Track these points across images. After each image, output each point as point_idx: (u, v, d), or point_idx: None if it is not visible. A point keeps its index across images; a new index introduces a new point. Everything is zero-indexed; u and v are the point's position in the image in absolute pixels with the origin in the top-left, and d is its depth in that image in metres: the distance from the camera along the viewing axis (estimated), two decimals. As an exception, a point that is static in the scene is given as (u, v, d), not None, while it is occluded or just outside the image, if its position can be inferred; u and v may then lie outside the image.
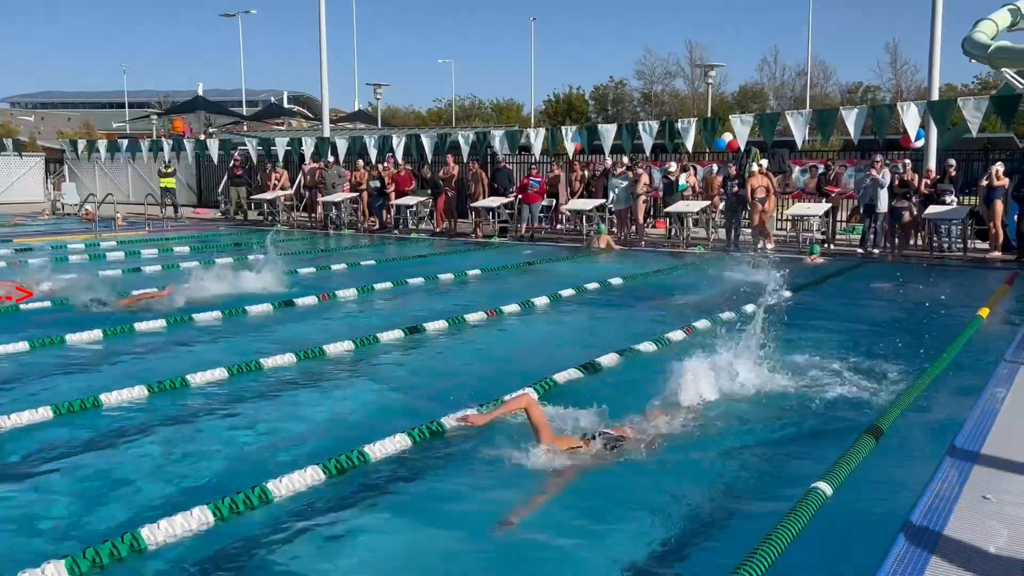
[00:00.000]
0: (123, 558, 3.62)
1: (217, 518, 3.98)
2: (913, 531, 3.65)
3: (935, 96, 16.64)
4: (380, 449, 4.89)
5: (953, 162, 16.08)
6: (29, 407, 5.62)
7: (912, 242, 16.12)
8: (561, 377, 6.47)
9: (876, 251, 15.84)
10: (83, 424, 5.52)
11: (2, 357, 7.34)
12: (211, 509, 4.00)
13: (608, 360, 7.11)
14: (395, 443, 4.99)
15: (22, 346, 7.62)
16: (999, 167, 15.28)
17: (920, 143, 17.62)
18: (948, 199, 15.30)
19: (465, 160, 20.23)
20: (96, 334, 8.06)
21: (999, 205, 15.11)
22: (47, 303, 9.60)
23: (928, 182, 15.75)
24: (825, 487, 4.06)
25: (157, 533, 3.79)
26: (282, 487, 4.30)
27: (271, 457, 4.99)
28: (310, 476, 4.43)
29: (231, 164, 24.22)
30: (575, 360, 6.92)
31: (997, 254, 15.04)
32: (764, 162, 17.12)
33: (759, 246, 15.95)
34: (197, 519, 3.93)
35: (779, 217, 19.38)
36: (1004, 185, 15.05)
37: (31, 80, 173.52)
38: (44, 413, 5.59)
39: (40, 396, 6.09)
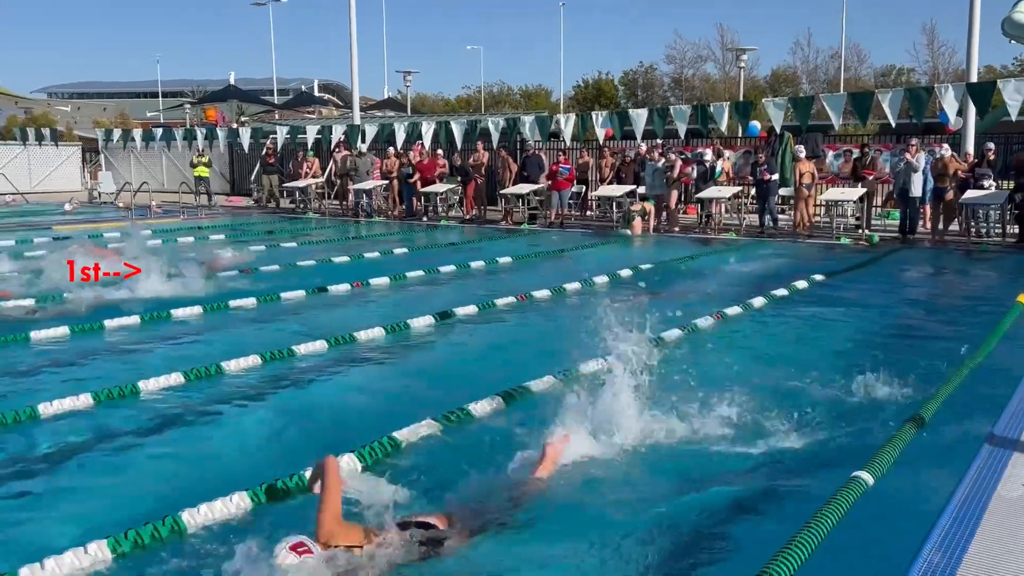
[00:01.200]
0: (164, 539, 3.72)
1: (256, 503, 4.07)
2: (950, 519, 3.61)
3: (973, 78, 16.32)
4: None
5: (991, 146, 15.75)
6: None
7: (948, 227, 15.86)
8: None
9: (911, 236, 15.61)
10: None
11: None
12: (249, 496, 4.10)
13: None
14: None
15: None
16: None
17: (953, 127, 17.32)
18: (986, 183, 15.00)
19: (495, 147, 20.21)
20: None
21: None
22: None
23: (966, 167, 15.45)
24: (867, 476, 4.03)
25: (196, 517, 3.89)
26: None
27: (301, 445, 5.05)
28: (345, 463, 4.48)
29: (264, 152, 24.42)
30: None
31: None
32: (801, 148, 16.89)
33: (799, 231, 15.82)
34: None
35: (813, 203, 19.15)
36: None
37: (67, 70, 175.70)
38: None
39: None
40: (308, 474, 3.95)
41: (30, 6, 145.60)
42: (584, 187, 20.45)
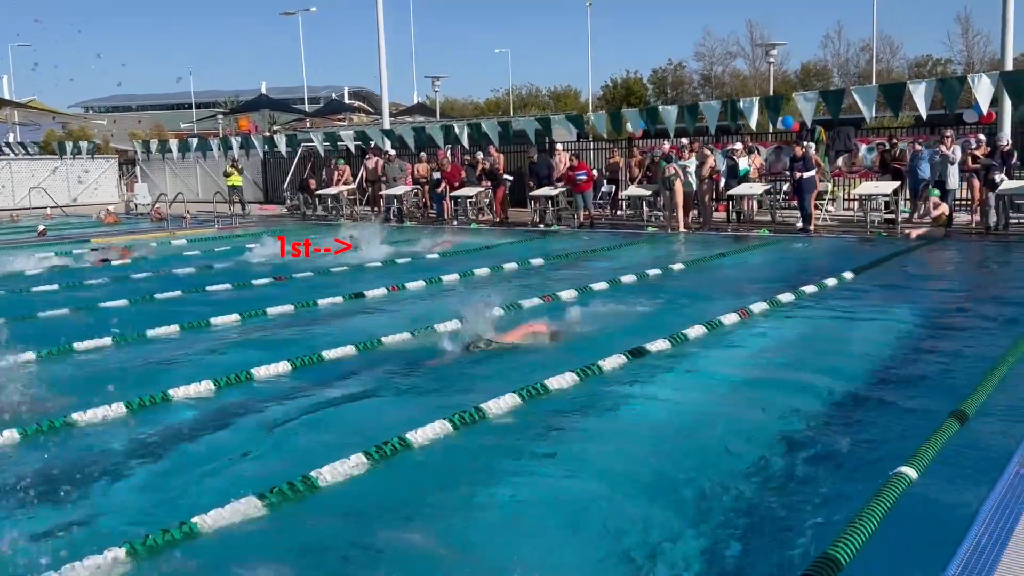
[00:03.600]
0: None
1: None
2: (988, 516, 3.57)
3: (1008, 66, 16.03)
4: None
5: (1005, 137, 15.37)
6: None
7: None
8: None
9: (951, 227, 15.38)
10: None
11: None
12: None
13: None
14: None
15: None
16: None
17: (972, 117, 17.06)
18: (997, 177, 14.70)
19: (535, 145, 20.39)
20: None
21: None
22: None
23: (981, 155, 15.21)
24: (910, 471, 3.99)
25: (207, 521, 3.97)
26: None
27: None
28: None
29: (302, 160, 24.73)
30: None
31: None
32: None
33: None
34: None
35: (846, 197, 18.96)
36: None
37: (103, 85, 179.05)
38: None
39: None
40: None
41: (72, 24, 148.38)
42: (615, 187, 20.43)
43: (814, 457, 4.69)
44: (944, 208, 15.33)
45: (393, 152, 22.45)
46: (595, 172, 19.70)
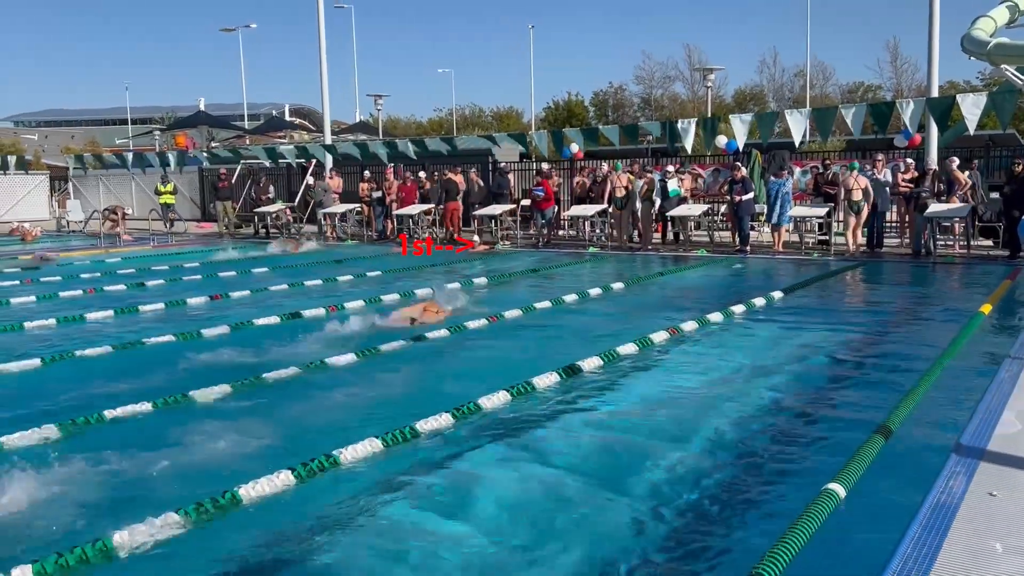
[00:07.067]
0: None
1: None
2: (919, 530, 3.65)
3: (934, 93, 16.62)
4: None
5: (932, 162, 15.92)
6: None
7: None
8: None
9: (880, 249, 15.85)
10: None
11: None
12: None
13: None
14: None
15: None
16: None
17: (902, 143, 17.69)
18: (928, 201, 15.25)
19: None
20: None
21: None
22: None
23: (906, 179, 15.80)
24: (838, 488, 4.05)
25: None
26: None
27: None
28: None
29: (217, 178, 24.25)
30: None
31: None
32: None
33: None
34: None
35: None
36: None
37: (34, 99, 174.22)
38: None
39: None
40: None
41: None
42: (556, 207, 20.58)
43: (742, 473, 4.74)
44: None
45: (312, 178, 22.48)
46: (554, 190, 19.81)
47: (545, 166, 20.97)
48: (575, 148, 19.31)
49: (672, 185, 18.08)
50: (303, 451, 4.86)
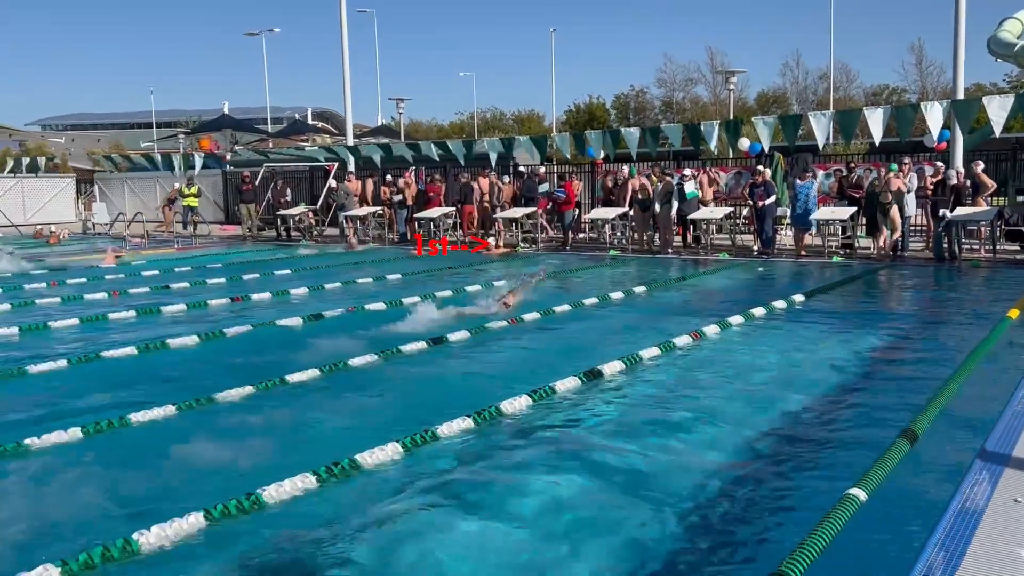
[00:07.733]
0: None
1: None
2: (943, 535, 3.62)
3: (960, 95, 16.46)
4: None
5: (954, 173, 15.72)
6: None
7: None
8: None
9: (905, 254, 15.70)
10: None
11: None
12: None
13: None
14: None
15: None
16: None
17: (937, 144, 17.48)
18: (941, 212, 15.08)
19: (493, 168, 20.51)
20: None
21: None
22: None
23: (929, 188, 15.66)
24: (860, 493, 4.02)
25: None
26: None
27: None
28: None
29: (240, 181, 24.45)
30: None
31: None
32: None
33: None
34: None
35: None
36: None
37: (61, 103, 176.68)
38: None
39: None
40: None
41: (26, 39, 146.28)
42: (577, 210, 20.56)
43: (768, 475, 4.72)
44: None
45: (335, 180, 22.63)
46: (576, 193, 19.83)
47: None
48: (602, 154, 19.28)
49: (689, 187, 18.00)
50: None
